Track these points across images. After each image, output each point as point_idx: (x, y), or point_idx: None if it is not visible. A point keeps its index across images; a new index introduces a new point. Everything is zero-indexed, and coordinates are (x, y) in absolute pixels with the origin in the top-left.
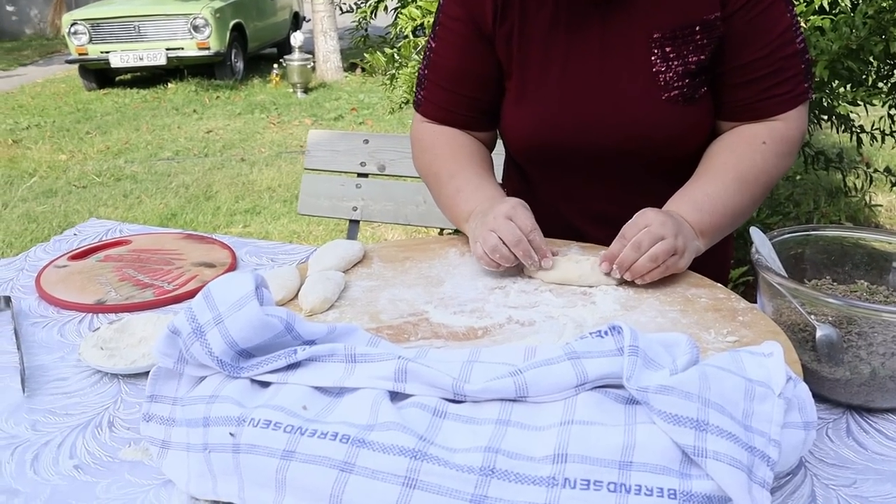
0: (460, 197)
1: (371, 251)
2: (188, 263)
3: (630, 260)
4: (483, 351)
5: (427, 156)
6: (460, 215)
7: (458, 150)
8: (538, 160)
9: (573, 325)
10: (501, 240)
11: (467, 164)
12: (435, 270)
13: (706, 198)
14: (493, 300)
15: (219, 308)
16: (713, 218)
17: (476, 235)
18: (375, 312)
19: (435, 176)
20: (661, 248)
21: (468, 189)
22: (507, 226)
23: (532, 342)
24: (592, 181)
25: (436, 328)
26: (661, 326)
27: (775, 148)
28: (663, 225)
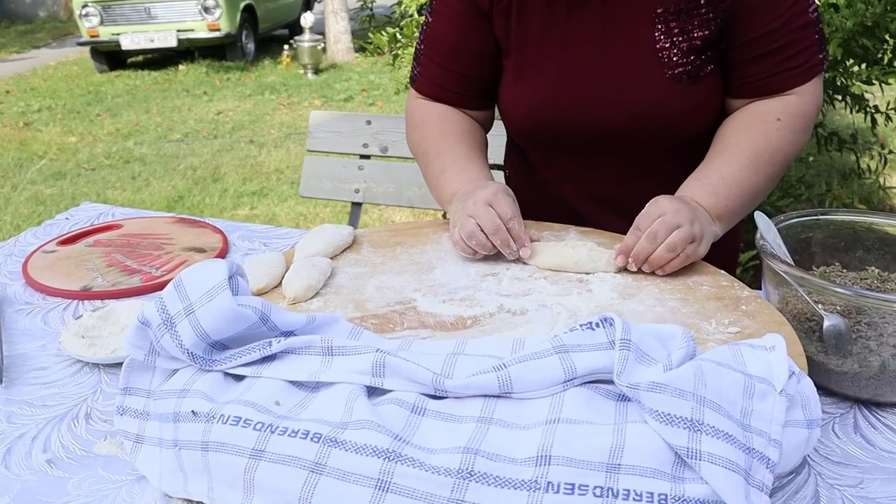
0: (445, 177)
1: (361, 236)
2: (178, 248)
3: (646, 252)
4: (469, 343)
5: (418, 132)
6: (444, 196)
7: (448, 127)
8: (538, 141)
9: (567, 314)
10: (479, 226)
11: (456, 143)
12: (426, 256)
13: (721, 180)
14: (485, 287)
15: (190, 298)
16: (729, 201)
17: (455, 219)
18: (361, 300)
19: (424, 154)
20: (679, 237)
21: (453, 169)
22: (486, 212)
23: (522, 332)
24: (594, 162)
25: (423, 317)
26: (660, 316)
27: (790, 124)
28: (678, 213)
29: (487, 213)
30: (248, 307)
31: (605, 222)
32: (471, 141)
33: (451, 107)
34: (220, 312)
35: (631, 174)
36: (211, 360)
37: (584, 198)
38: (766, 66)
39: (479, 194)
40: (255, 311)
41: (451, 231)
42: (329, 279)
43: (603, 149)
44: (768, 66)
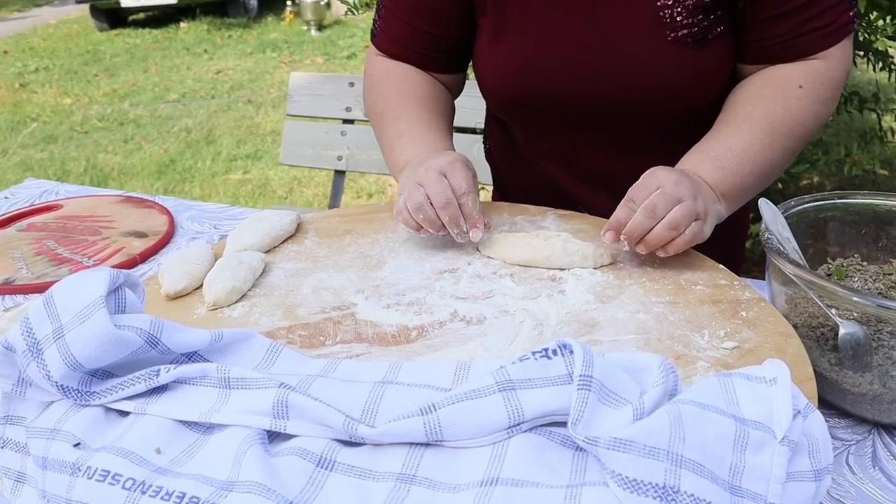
0: (398, 144)
1: (308, 223)
2: (117, 233)
3: (643, 228)
4: (405, 367)
5: (374, 93)
6: (396, 164)
7: (408, 90)
8: (519, 112)
9: (531, 323)
10: (429, 198)
11: (414, 107)
12: (377, 248)
13: (729, 153)
14: (440, 288)
15: (60, 319)
16: (737, 178)
17: (402, 187)
18: (293, 305)
19: (378, 116)
20: (681, 213)
21: (409, 135)
22: (438, 183)
23: (474, 349)
24: (584, 136)
25: (361, 327)
26: (643, 325)
27: (814, 92)
28: (678, 185)
29: (439, 184)
30: (130, 329)
31: (597, 203)
32: (433, 105)
33: (413, 67)
34: (94, 337)
35: (626, 149)
36: (88, 392)
37: (572, 175)
38: (788, 26)
39: (432, 161)
40: (140, 332)
41: (396, 200)
42: (261, 277)
43: (593, 121)
44: (790, 26)
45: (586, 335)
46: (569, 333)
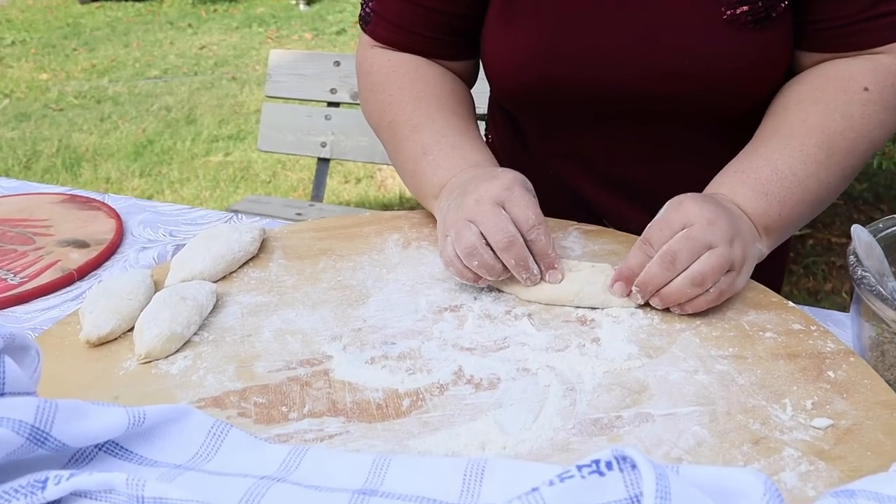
0: (427, 162)
1: (275, 238)
2: (53, 241)
3: (658, 281)
4: (394, 467)
5: (379, 97)
6: (426, 188)
7: (423, 89)
8: (533, 105)
9: (560, 389)
10: (484, 238)
11: (437, 111)
12: (360, 275)
13: (775, 175)
14: (439, 334)
15: None
16: (784, 209)
17: (447, 226)
18: (249, 358)
19: (391, 127)
20: (710, 264)
21: (439, 149)
22: (495, 217)
23: (484, 430)
24: (611, 136)
25: (336, 392)
26: (704, 391)
27: (882, 97)
28: (711, 225)
29: (497, 218)
30: (6, 422)
31: (624, 215)
32: (456, 106)
33: (422, 58)
34: None
35: (660, 152)
36: None
37: (594, 181)
38: (856, 6)
39: (484, 189)
40: (20, 427)
41: (441, 243)
42: (212, 315)
43: (623, 118)
44: (858, 6)
45: (633, 406)
46: (610, 403)
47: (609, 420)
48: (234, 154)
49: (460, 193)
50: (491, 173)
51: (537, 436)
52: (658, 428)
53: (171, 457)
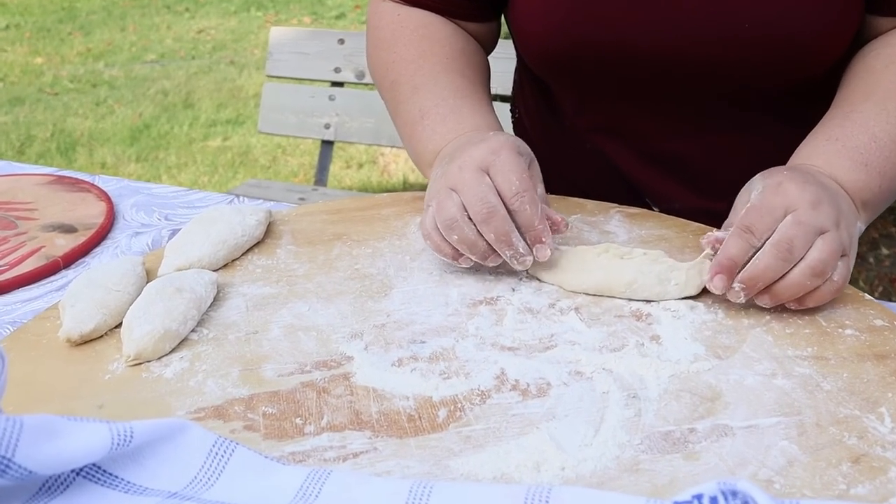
0: (423, 126)
1: (282, 222)
2: (38, 226)
3: (774, 274)
4: (436, 491)
5: (383, 54)
6: (422, 156)
7: (430, 48)
8: (570, 73)
9: (621, 396)
10: (465, 210)
11: (441, 72)
12: (381, 263)
13: (873, 144)
14: (476, 331)
15: None
16: (884, 181)
17: (430, 195)
18: (256, 359)
19: (393, 87)
20: (828, 251)
21: (437, 113)
22: (476, 184)
23: (537, 445)
24: (654, 106)
25: (359, 400)
26: (787, 397)
27: None
28: (816, 208)
29: (478, 187)
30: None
31: (667, 193)
32: (464, 68)
33: (435, 15)
34: None
35: (709, 126)
36: None
37: (636, 157)
38: None
39: (469, 154)
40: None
41: (423, 215)
42: (211, 309)
43: (671, 87)
44: None
45: (707, 417)
46: (681, 413)
47: (682, 434)
48: (233, 139)
49: (448, 160)
50: (481, 137)
51: (601, 453)
52: (739, 443)
53: (165, 482)
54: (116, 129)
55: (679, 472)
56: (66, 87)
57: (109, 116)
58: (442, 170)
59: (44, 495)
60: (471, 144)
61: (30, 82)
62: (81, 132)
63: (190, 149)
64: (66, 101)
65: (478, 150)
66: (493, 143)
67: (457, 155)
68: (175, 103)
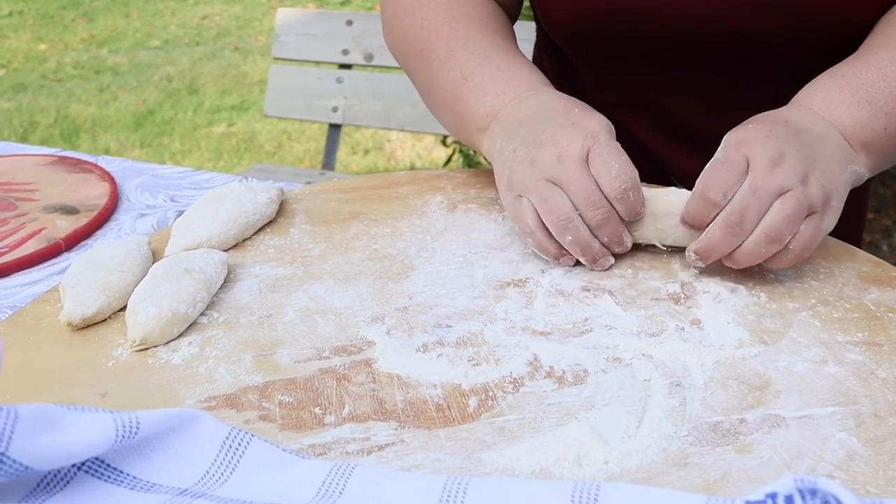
0: (469, 88)
1: (295, 200)
2: (38, 207)
3: (725, 248)
4: (472, 488)
5: (408, 22)
6: (469, 120)
7: (461, 8)
8: (594, 43)
9: (664, 385)
10: (575, 206)
11: (477, 32)
12: (401, 243)
13: (883, 84)
14: (504, 314)
15: None
16: (892, 121)
17: (520, 184)
18: (270, 344)
19: (422, 55)
20: (784, 215)
21: (483, 72)
22: (584, 183)
23: (577, 436)
24: (682, 80)
25: (383, 388)
26: (841, 386)
27: None
28: (778, 166)
29: (587, 188)
30: None
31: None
32: (500, 29)
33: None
34: None
35: (740, 100)
36: None
37: (662, 134)
38: None
39: (564, 141)
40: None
41: (511, 204)
42: (221, 291)
43: (700, 59)
44: None
45: (758, 406)
46: (729, 403)
47: (731, 424)
48: (238, 125)
49: (528, 139)
50: (569, 117)
51: (646, 446)
52: (794, 435)
53: (175, 478)
54: (120, 115)
55: (731, 466)
56: (70, 74)
57: (113, 103)
58: (523, 152)
59: (42, 492)
60: (558, 126)
61: (33, 69)
62: (85, 118)
63: (194, 135)
64: (70, 88)
65: (574, 135)
66: (587, 127)
67: (544, 139)
68: (179, 89)
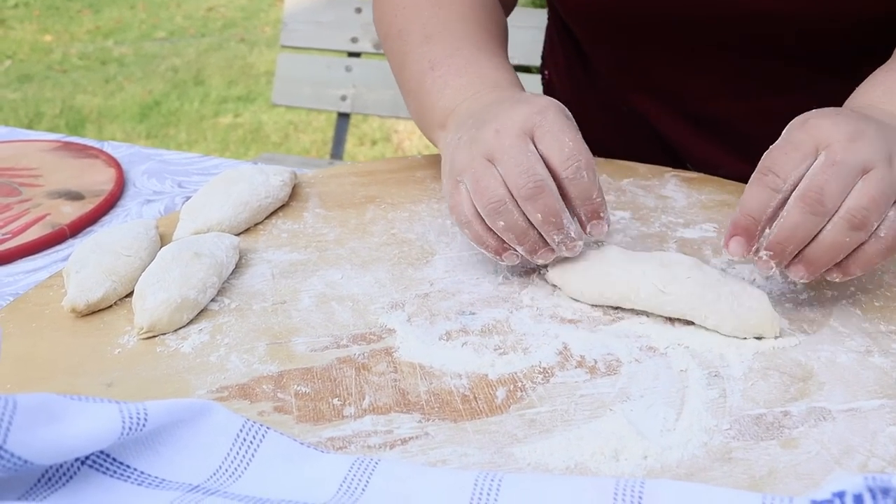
0: (433, 79)
1: (308, 184)
2: (43, 192)
3: (804, 232)
4: (506, 485)
5: (391, 3)
6: (429, 114)
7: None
8: (610, 25)
9: (702, 375)
10: (507, 187)
11: (458, 20)
12: (419, 227)
13: None
14: (531, 300)
15: None
16: None
17: (459, 167)
18: (285, 332)
19: (400, 35)
20: (870, 196)
21: (450, 64)
22: (518, 153)
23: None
24: (701, 63)
25: (405, 378)
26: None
27: None
28: (856, 142)
29: (521, 156)
30: None
31: (712, 160)
32: (484, 21)
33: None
34: None
35: (762, 85)
36: None
37: (679, 120)
38: None
39: (507, 115)
40: None
41: (450, 192)
42: (233, 277)
43: (720, 42)
44: None
45: (801, 399)
46: (771, 395)
47: (775, 417)
48: (244, 115)
49: (475, 123)
50: (517, 97)
51: (686, 440)
52: (841, 428)
53: (185, 474)
54: (126, 105)
55: (778, 461)
56: (75, 65)
57: (119, 93)
58: (468, 135)
59: (43, 488)
60: (506, 105)
61: (38, 60)
62: (90, 109)
63: (200, 126)
64: (76, 79)
65: (518, 111)
66: (536, 104)
67: (487, 117)
68: (185, 80)
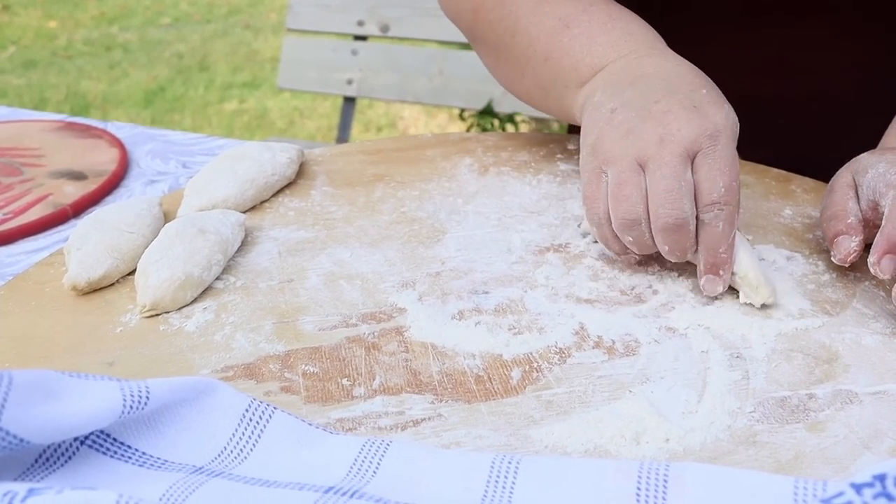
0: (571, 36)
1: (316, 163)
2: (45, 172)
3: None
4: (524, 467)
5: None
6: (568, 73)
7: None
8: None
9: (723, 357)
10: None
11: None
12: (430, 206)
13: None
14: (545, 280)
15: None
16: None
17: (605, 154)
18: (292, 311)
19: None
20: None
21: (590, 19)
22: (670, 180)
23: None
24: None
25: (416, 358)
26: None
27: None
28: None
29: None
30: None
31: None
32: None
33: None
34: None
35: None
36: None
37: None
38: None
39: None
40: None
41: (589, 179)
42: (238, 255)
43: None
44: None
45: (827, 381)
46: (795, 377)
47: (800, 400)
48: (249, 101)
49: (635, 103)
50: (692, 94)
51: (709, 422)
52: (869, 412)
53: (188, 454)
54: (131, 91)
55: (804, 445)
56: (80, 51)
57: (124, 79)
58: (627, 117)
59: (40, 468)
60: (676, 98)
61: (43, 46)
62: (95, 95)
63: (205, 111)
64: (80, 65)
65: (692, 124)
66: (712, 121)
67: (654, 109)
68: (190, 66)
